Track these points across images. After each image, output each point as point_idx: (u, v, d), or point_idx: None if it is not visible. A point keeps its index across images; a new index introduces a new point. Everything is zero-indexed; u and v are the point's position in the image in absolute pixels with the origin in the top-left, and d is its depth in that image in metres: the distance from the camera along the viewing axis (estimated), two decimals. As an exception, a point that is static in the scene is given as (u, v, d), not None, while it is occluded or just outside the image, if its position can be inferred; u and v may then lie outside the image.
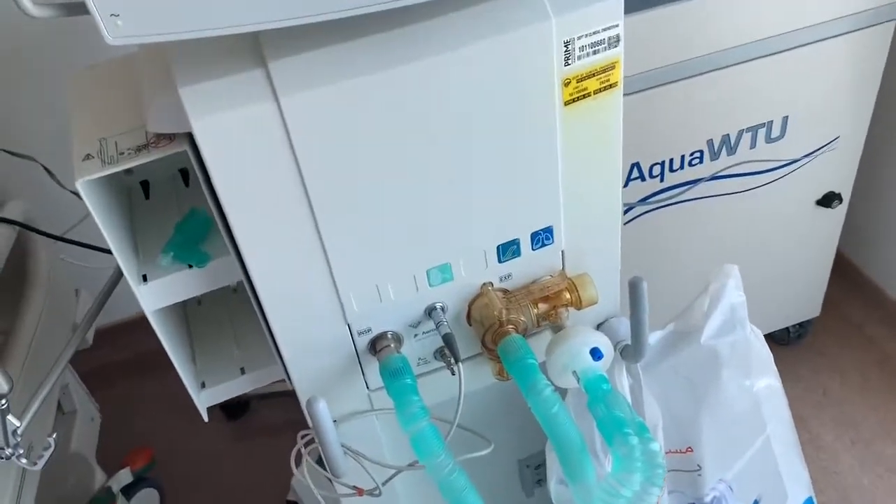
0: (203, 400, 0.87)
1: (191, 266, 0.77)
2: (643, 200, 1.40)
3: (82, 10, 0.56)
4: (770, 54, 1.27)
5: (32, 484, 1.15)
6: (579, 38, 0.67)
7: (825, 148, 1.44)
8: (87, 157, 0.69)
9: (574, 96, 0.70)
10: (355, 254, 0.73)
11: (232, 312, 0.95)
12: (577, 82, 0.69)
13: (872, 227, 1.81)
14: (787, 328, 1.80)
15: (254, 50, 0.63)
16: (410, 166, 0.69)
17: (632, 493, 0.71)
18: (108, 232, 0.70)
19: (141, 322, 0.79)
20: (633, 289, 0.78)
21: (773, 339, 1.84)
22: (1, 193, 1.43)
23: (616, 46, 0.69)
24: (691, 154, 1.37)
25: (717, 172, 1.40)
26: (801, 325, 1.81)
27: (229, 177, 0.65)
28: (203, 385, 0.87)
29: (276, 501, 1.57)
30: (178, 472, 1.78)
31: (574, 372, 0.79)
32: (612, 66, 0.70)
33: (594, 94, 0.71)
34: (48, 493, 1.44)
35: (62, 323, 1.45)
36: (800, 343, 1.87)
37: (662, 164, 1.36)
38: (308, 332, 0.77)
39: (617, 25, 0.67)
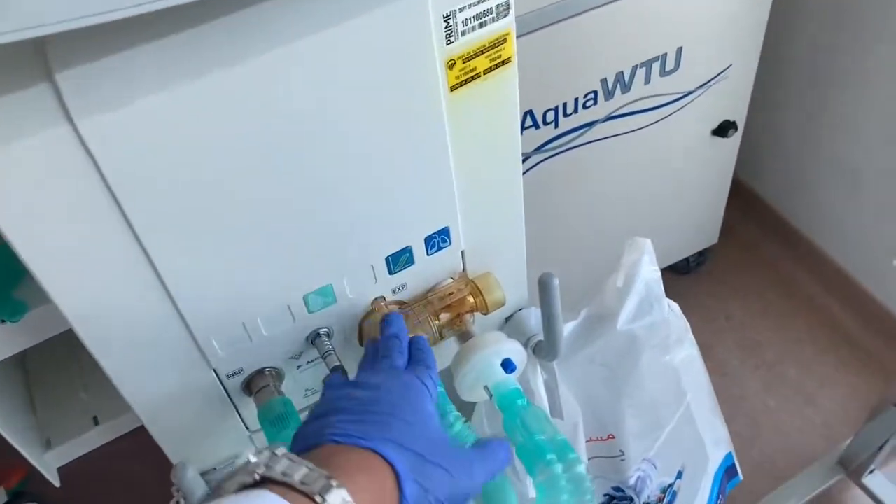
0: (50, 463, 0.72)
1: (3, 321, 0.61)
2: (539, 149, 1.31)
3: None
4: (659, -17, 1.18)
5: None
6: (461, 9, 0.54)
7: (719, 77, 1.40)
8: None
9: (461, 79, 0.57)
10: (209, 291, 0.59)
11: (76, 347, 0.79)
12: (463, 62, 0.57)
13: (766, 151, 1.79)
14: (686, 258, 1.79)
15: (39, 58, 0.47)
16: (268, 181, 0.55)
17: (561, 526, 0.63)
18: None
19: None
20: (544, 287, 0.68)
21: (673, 269, 1.82)
22: None
23: (506, 16, 0.56)
24: (585, 96, 1.28)
25: (612, 112, 1.33)
26: (700, 253, 1.80)
27: (26, 220, 0.49)
28: (48, 444, 0.73)
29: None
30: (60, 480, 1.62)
31: (486, 386, 0.70)
32: (502, 40, 0.57)
33: (484, 73, 0.58)
34: None
35: None
36: (699, 271, 1.86)
37: (556, 109, 1.27)
38: (163, 383, 0.63)
39: (506, -9, 0.55)
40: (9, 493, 1.50)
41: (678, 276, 1.86)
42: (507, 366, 0.69)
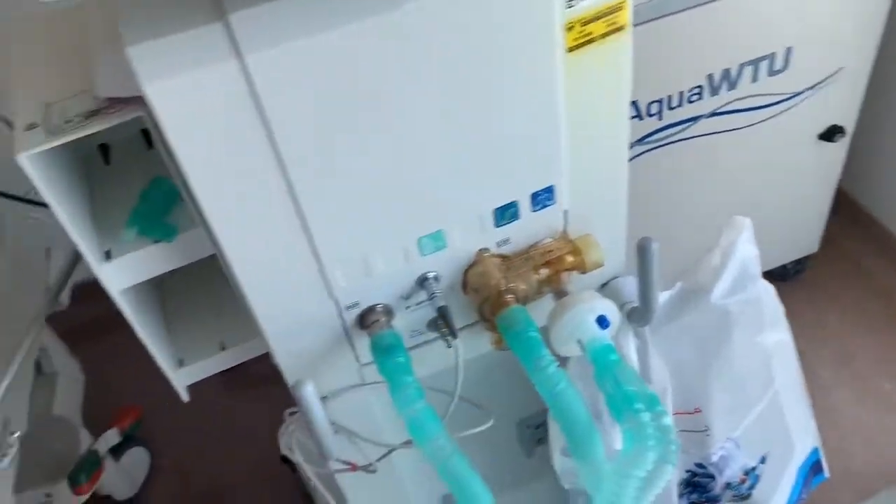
0: (181, 379, 0.81)
1: (157, 241, 0.70)
2: (641, 140, 1.33)
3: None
4: (773, -18, 1.19)
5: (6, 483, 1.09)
6: (583, -24, 0.59)
7: (829, 80, 1.38)
8: (31, 126, 0.61)
9: (578, 42, 0.62)
10: (339, 225, 0.66)
11: (209, 279, 0.88)
12: (582, 26, 0.61)
13: (874, 160, 1.75)
14: (784, 265, 1.77)
15: (212, 1, 0.54)
16: (395, 125, 0.62)
17: (645, 472, 0.66)
18: (62, 210, 0.63)
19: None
20: (642, 252, 0.72)
21: (771, 274, 1.79)
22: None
23: (624, -16, 0.61)
24: (690, 90, 1.30)
25: (717, 108, 1.34)
26: (799, 261, 1.77)
27: (192, 145, 0.57)
28: (181, 363, 0.81)
29: (271, 455, 1.53)
30: (168, 429, 1.74)
31: (579, 341, 0.74)
32: (619, 7, 0.62)
33: (600, 38, 0.63)
34: (32, 460, 1.40)
35: (33, 285, 1.38)
36: (798, 278, 1.83)
37: (661, 101, 1.30)
38: (291, 309, 0.71)
39: (625, -39, 0.59)
40: (122, 434, 1.63)
41: (776, 282, 1.82)
42: (602, 321, 0.73)
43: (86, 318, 1.72)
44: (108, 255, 0.69)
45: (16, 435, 0.89)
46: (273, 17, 0.54)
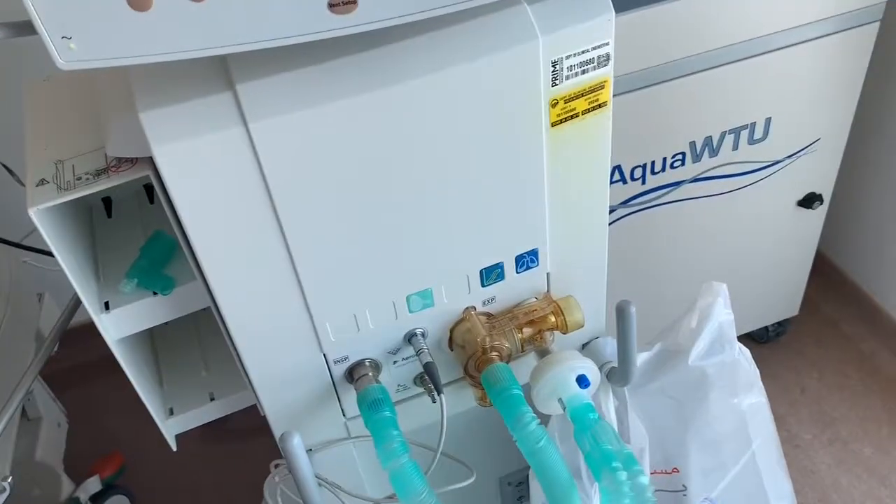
0: (170, 428, 0.82)
1: (155, 293, 0.72)
2: (624, 203, 1.38)
3: (31, 29, 0.51)
4: (753, 56, 1.25)
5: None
6: (567, 57, 0.63)
7: (807, 149, 1.43)
8: (42, 181, 0.64)
9: (561, 117, 0.66)
10: (331, 283, 0.69)
11: (200, 331, 0.91)
12: (565, 103, 0.66)
13: (852, 226, 1.80)
14: (765, 327, 1.80)
15: (221, 71, 0.58)
16: (390, 191, 0.65)
17: (620, 530, 0.68)
18: (66, 261, 0.66)
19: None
20: (621, 314, 0.75)
21: (751, 337, 1.83)
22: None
23: (606, 65, 0.65)
24: (673, 156, 1.35)
25: (699, 174, 1.38)
26: (779, 323, 1.81)
27: (194, 205, 0.61)
28: (171, 412, 0.83)
29: (251, 505, 1.53)
30: (150, 478, 1.73)
31: (560, 399, 0.76)
32: (601, 86, 0.66)
33: (582, 114, 0.67)
34: (12, 506, 1.39)
35: (25, 331, 1.39)
36: (778, 341, 1.86)
37: (644, 166, 1.34)
38: (280, 361, 0.73)
39: (607, 44, 0.64)
40: (103, 482, 1.62)
41: (756, 345, 1.86)
42: (582, 381, 0.76)
43: (71, 363, 1.73)
44: (107, 306, 0.72)
45: (7, 480, 0.89)
46: (277, 89, 0.58)
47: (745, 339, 1.84)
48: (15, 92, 1.03)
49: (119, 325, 0.72)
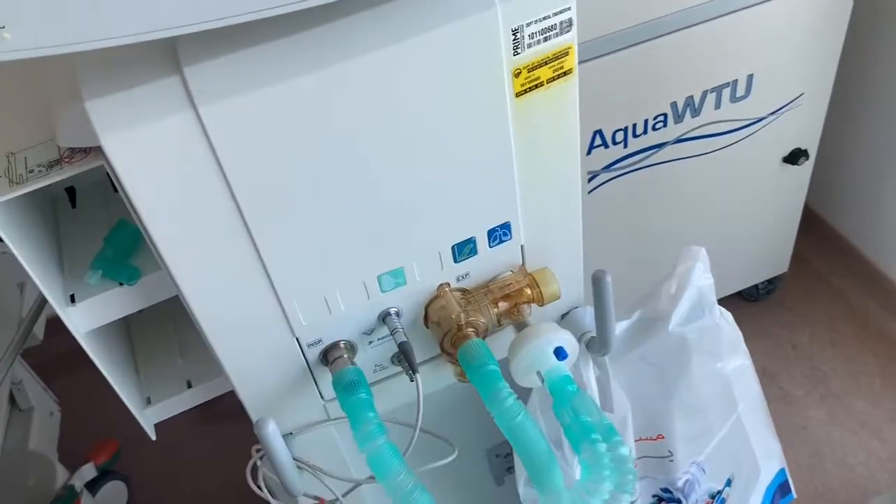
0: (148, 418, 0.82)
1: (121, 284, 0.71)
2: (607, 168, 1.36)
3: (-38, 20, 0.49)
4: (732, 12, 1.23)
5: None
6: (528, 24, 0.61)
7: (790, 105, 1.42)
8: (-7, 176, 0.62)
9: (525, 87, 0.64)
10: (298, 266, 0.67)
11: (175, 316, 0.89)
12: (528, 72, 0.64)
13: (839, 181, 1.79)
14: (755, 285, 1.80)
15: (168, 55, 0.56)
16: (352, 170, 0.64)
17: (602, 501, 0.68)
18: (25, 256, 0.64)
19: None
20: (597, 284, 0.74)
21: (741, 295, 1.83)
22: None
23: (569, 31, 0.63)
24: (655, 118, 1.33)
25: (681, 135, 1.37)
26: (769, 281, 1.81)
27: (149, 194, 0.59)
28: (149, 401, 0.82)
29: (246, 488, 1.53)
30: (145, 462, 1.74)
31: (538, 372, 0.76)
32: (565, 53, 0.64)
33: (547, 83, 0.65)
34: (6, 496, 1.39)
35: (6, 321, 1.38)
36: (768, 298, 1.86)
37: (625, 129, 1.33)
38: (252, 348, 0.72)
39: (569, 9, 0.62)
40: (98, 468, 1.62)
41: (746, 303, 1.86)
42: (559, 353, 0.75)
43: (61, 351, 1.71)
44: (72, 299, 0.71)
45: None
46: (227, 70, 0.56)
47: (736, 297, 1.84)
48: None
49: (86, 317, 0.71)
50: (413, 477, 0.68)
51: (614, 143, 1.33)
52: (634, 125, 1.32)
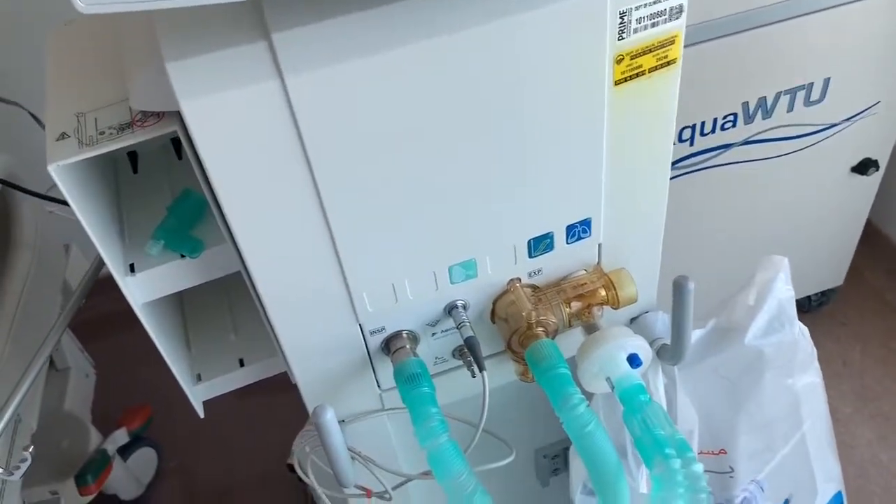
0: (198, 395, 0.79)
1: (183, 256, 0.68)
2: (672, 166, 1.31)
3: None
4: (814, 11, 1.17)
5: (14, 489, 1.08)
6: (637, 8, 0.57)
7: (865, 112, 1.36)
8: (62, 136, 0.59)
9: (626, 75, 0.60)
10: (370, 250, 0.64)
11: (230, 293, 0.87)
12: (631, 59, 0.60)
13: (905, 194, 1.72)
14: (808, 296, 1.74)
15: (255, 19, 0.53)
16: (435, 153, 0.60)
17: (673, 520, 0.64)
18: (88, 221, 0.61)
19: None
20: (679, 290, 0.69)
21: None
22: (-18, 144, 1.34)
23: (678, 18, 0.59)
24: (724, 117, 1.28)
25: (750, 137, 1.32)
26: (823, 293, 1.75)
27: (224, 163, 0.56)
28: (199, 377, 0.80)
29: (278, 461, 1.52)
30: (177, 430, 1.73)
31: (608, 378, 0.72)
32: (671, 41, 0.60)
33: (649, 72, 0.61)
34: (40, 456, 1.39)
35: (51, 282, 1.37)
36: (820, 311, 1.80)
37: (693, 127, 1.28)
38: (314, 331, 0.69)
39: (681, -7, 0.57)
40: (130, 434, 1.61)
41: (798, 314, 1.80)
42: (633, 360, 0.71)
43: (98, 314, 1.71)
44: (132, 269, 0.68)
45: (30, 450, 0.87)
46: (318, 39, 0.52)
47: (787, 308, 1.78)
48: (39, 40, 0.98)
49: (145, 289, 0.68)
50: (474, 478, 0.65)
51: (681, 140, 1.28)
52: (703, 123, 1.28)
